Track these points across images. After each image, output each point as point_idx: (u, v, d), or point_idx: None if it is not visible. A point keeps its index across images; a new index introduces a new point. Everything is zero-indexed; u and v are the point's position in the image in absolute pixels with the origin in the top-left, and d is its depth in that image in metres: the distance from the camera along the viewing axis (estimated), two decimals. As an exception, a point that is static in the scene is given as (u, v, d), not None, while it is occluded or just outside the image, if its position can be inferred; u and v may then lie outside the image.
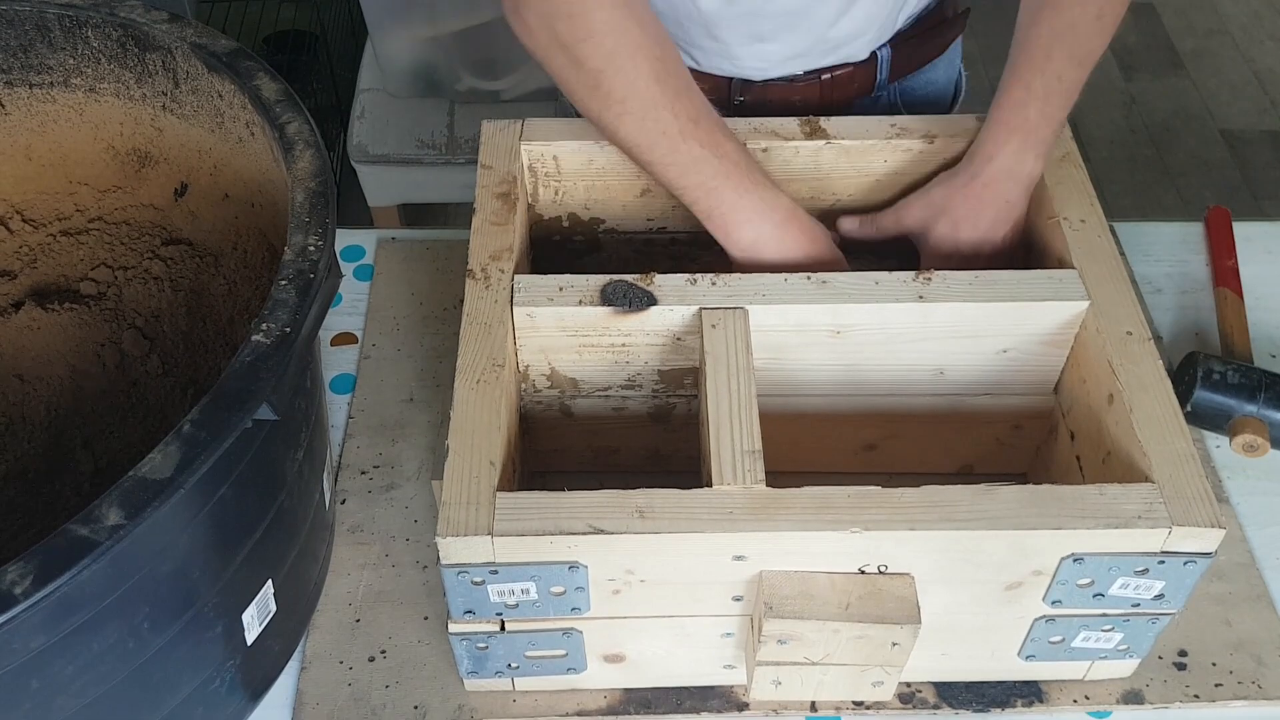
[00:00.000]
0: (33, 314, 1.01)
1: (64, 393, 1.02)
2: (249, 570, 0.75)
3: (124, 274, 1.02)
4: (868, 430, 0.95)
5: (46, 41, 0.91)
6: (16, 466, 0.99)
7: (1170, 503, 0.74)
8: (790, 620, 0.74)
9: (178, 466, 0.62)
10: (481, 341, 0.83)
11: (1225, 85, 2.81)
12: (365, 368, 1.07)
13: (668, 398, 0.92)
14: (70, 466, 0.99)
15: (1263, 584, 0.93)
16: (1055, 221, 0.92)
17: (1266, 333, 1.11)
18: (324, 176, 0.78)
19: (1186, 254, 1.18)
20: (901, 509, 0.74)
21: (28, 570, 0.57)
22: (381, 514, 0.97)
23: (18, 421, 1.01)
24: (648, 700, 0.86)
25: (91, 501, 0.60)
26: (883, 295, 0.86)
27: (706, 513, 0.74)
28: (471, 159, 1.67)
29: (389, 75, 2.17)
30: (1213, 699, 0.87)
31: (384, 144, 2.14)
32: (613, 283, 0.86)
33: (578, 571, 0.74)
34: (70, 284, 1.02)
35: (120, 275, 1.02)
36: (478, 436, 0.77)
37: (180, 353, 1.02)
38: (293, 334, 0.68)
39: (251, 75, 0.84)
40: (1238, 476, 1.01)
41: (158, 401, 1.01)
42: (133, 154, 0.97)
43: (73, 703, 0.66)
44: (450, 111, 2.19)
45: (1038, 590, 0.78)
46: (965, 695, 0.86)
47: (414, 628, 0.90)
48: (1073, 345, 0.88)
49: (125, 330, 1.02)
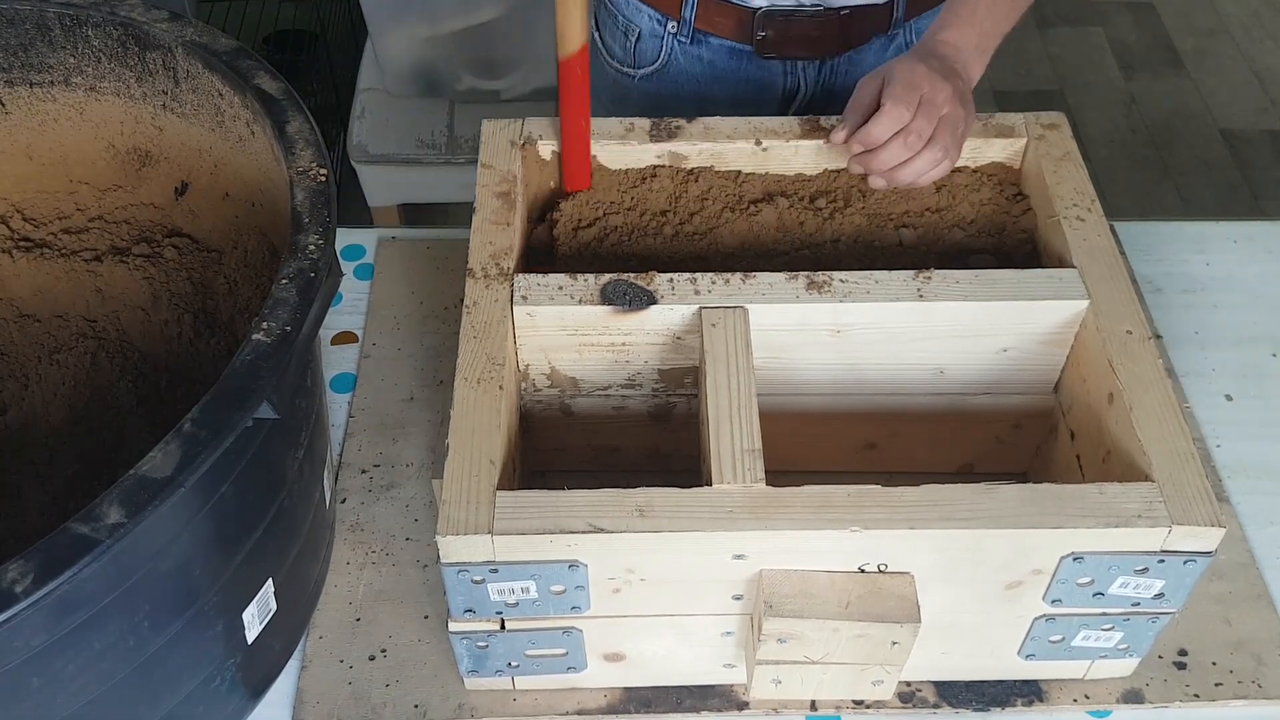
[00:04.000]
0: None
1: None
2: (249, 569, 0.75)
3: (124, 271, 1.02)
4: (868, 429, 0.95)
5: (47, 41, 0.91)
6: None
7: (1170, 502, 0.74)
8: (790, 619, 0.74)
9: (178, 465, 0.62)
10: (481, 340, 0.83)
11: (1225, 85, 2.81)
12: (366, 367, 1.07)
13: (668, 397, 0.92)
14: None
15: (1263, 583, 0.93)
16: (1055, 221, 0.92)
17: (1267, 332, 1.11)
18: (324, 175, 0.78)
19: (1186, 254, 1.18)
20: (901, 508, 0.74)
21: (28, 569, 0.57)
22: (382, 513, 0.97)
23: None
24: (648, 699, 0.86)
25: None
26: (883, 294, 0.86)
27: (706, 511, 0.74)
28: (471, 159, 1.67)
29: (389, 75, 2.17)
30: (1213, 698, 0.87)
31: (384, 144, 2.14)
32: (613, 282, 0.86)
33: (578, 570, 0.75)
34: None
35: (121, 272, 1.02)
36: (478, 435, 0.77)
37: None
38: (293, 333, 0.68)
39: (252, 74, 0.84)
40: (1238, 476, 1.01)
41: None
42: (133, 153, 0.97)
43: (74, 701, 0.66)
44: (450, 111, 2.19)
45: (1038, 589, 0.78)
46: (965, 694, 0.86)
47: (414, 626, 0.90)
48: (1073, 344, 0.88)
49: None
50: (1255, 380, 1.08)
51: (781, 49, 1.15)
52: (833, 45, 1.15)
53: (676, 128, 0.98)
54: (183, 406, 0.92)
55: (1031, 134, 0.98)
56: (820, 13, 1.12)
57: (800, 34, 1.13)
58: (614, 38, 1.23)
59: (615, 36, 1.22)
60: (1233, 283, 1.15)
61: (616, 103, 1.26)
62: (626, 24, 1.20)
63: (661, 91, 1.22)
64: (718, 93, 1.20)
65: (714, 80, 1.19)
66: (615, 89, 1.25)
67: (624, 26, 1.20)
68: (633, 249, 0.95)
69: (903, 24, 1.16)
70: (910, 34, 1.17)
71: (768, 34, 1.13)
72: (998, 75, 1.19)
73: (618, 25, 1.21)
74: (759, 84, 1.18)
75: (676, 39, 1.17)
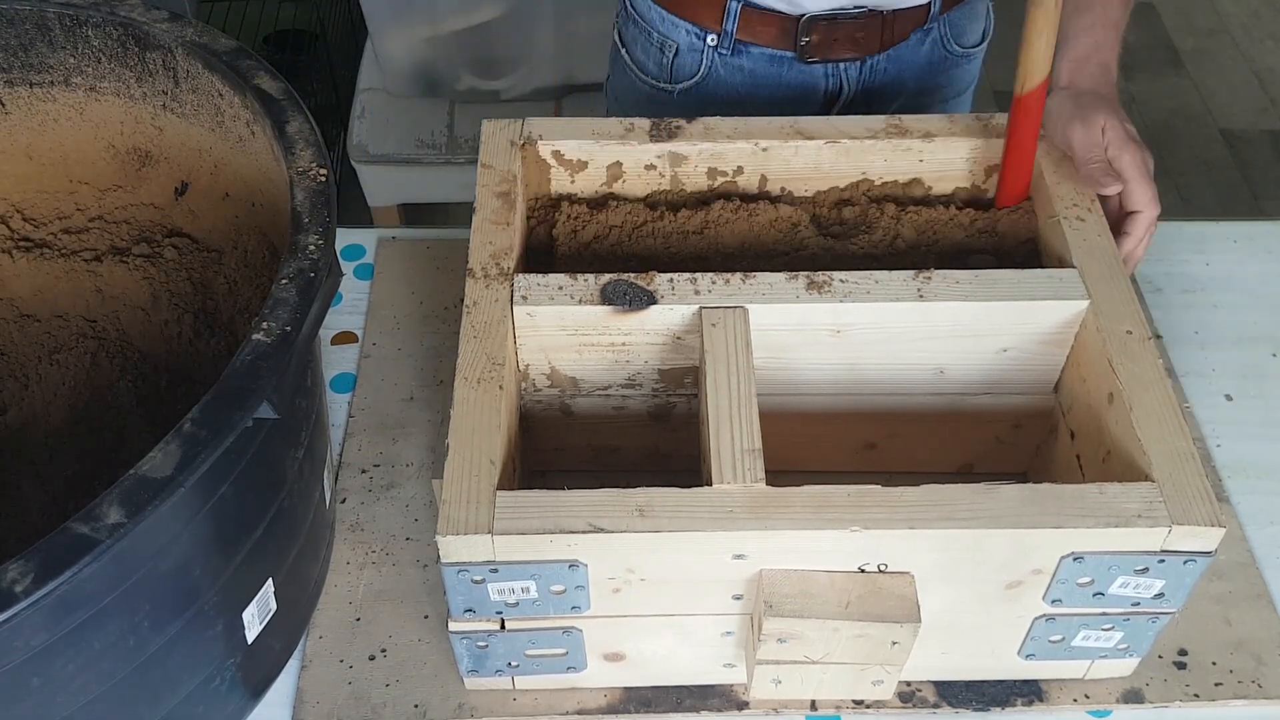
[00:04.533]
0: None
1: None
2: (249, 569, 0.75)
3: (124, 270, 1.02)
4: (868, 429, 0.95)
5: (47, 41, 0.91)
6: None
7: (1170, 502, 0.74)
8: (790, 619, 0.74)
9: (178, 465, 0.62)
10: (481, 340, 0.83)
11: (1225, 85, 2.81)
12: (365, 367, 1.07)
13: (668, 397, 0.92)
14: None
15: (1263, 583, 0.93)
16: (1055, 221, 0.92)
17: (1267, 332, 1.11)
18: (324, 175, 0.78)
19: (1186, 254, 1.18)
20: (901, 508, 0.74)
21: (28, 569, 0.57)
22: (382, 513, 0.97)
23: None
24: (648, 699, 0.86)
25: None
26: (883, 294, 0.86)
27: (706, 511, 0.74)
28: (471, 159, 1.67)
29: (389, 75, 2.17)
30: (1213, 698, 0.87)
31: (384, 144, 2.14)
32: (613, 282, 0.86)
33: (578, 570, 0.75)
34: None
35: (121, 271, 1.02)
36: (478, 435, 0.77)
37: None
38: (293, 333, 0.68)
39: (252, 74, 0.84)
40: (1238, 476, 1.01)
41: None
42: (133, 153, 0.97)
43: (73, 700, 0.66)
44: (450, 111, 2.19)
45: (1038, 589, 0.78)
46: (965, 694, 0.86)
47: (414, 626, 0.90)
48: (1073, 344, 0.88)
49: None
50: (1255, 380, 1.08)
51: (825, 52, 1.15)
52: (875, 45, 1.16)
53: (676, 128, 0.98)
54: (183, 406, 0.92)
55: (1031, 134, 0.98)
56: (864, 14, 1.13)
57: (844, 36, 1.14)
58: (648, 54, 1.22)
59: (649, 53, 1.21)
60: (1233, 283, 1.15)
61: (652, 117, 1.24)
62: (662, 40, 1.19)
63: (702, 103, 1.21)
64: (759, 100, 1.20)
65: (754, 88, 1.19)
66: (650, 105, 1.24)
67: (659, 43, 1.19)
68: (633, 249, 0.95)
69: (939, 17, 1.17)
70: (945, 26, 1.19)
71: (811, 39, 1.14)
72: (998, 75, 1.18)
73: (651, 41, 1.20)
74: (800, 88, 1.18)
75: (717, 51, 1.16)
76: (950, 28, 1.20)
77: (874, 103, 1.21)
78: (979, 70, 1.29)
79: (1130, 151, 0.92)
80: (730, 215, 0.96)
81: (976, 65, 1.28)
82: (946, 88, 1.25)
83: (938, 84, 1.23)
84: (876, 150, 0.98)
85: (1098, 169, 0.92)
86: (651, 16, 1.19)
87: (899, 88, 1.21)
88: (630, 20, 1.23)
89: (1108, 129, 0.93)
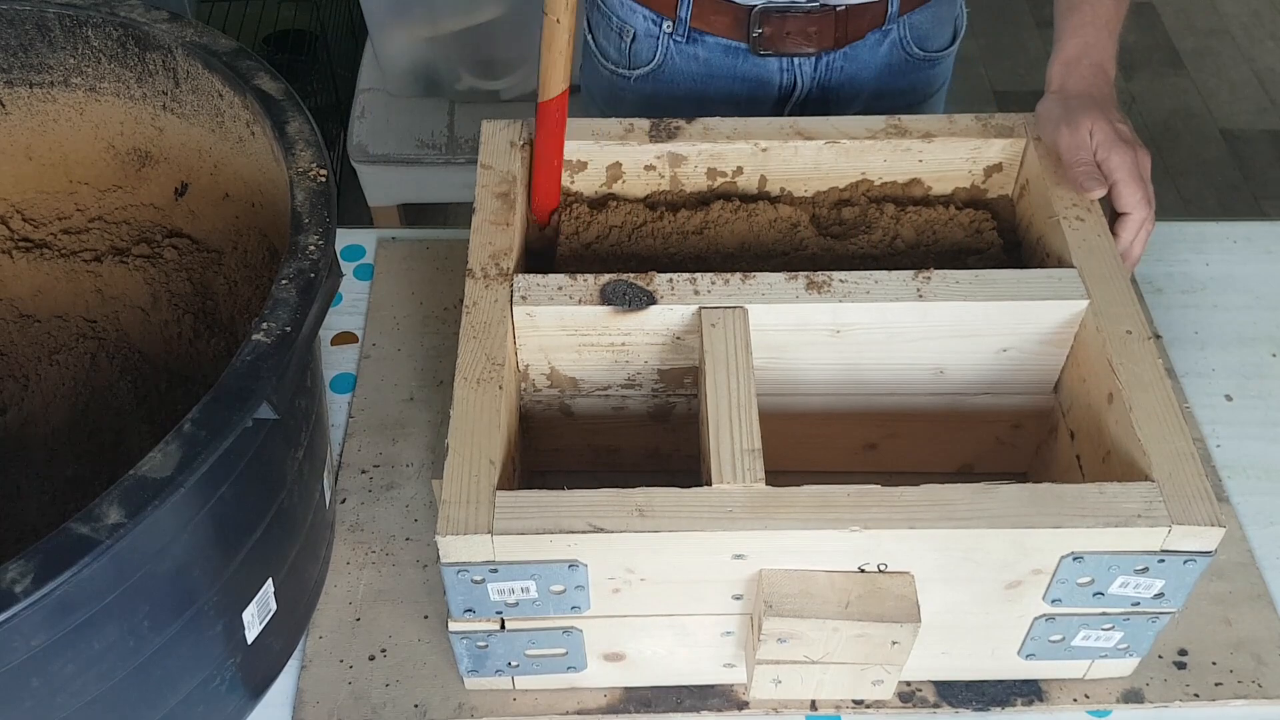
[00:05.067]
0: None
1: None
2: (249, 569, 0.75)
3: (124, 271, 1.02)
4: (868, 429, 0.95)
5: (47, 41, 0.91)
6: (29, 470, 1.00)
7: (1170, 501, 0.74)
8: (790, 619, 0.74)
9: (178, 465, 0.62)
10: (481, 341, 0.83)
11: (1225, 85, 2.81)
12: (365, 367, 1.07)
13: (667, 397, 0.92)
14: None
15: (1263, 583, 0.93)
16: (1055, 220, 0.92)
17: (1267, 332, 1.11)
18: (325, 176, 0.78)
19: (1186, 254, 1.18)
20: (901, 507, 0.74)
21: (28, 569, 0.57)
22: (382, 513, 0.97)
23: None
24: (648, 699, 0.86)
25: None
26: (882, 294, 0.86)
27: (706, 511, 0.74)
28: (471, 159, 1.67)
29: (389, 75, 2.17)
30: (1213, 698, 0.87)
31: (384, 144, 2.14)
32: (613, 282, 0.86)
33: (577, 570, 0.75)
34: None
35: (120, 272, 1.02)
36: (477, 435, 0.77)
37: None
38: (293, 333, 0.68)
39: (252, 75, 0.84)
40: (1238, 476, 1.01)
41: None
42: (133, 153, 0.97)
43: (73, 701, 0.66)
44: (450, 111, 2.19)
45: (1038, 589, 0.78)
46: (965, 694, 0.86)
47: (414, 626, 0.90)
48: (1072, 344, 0.88)
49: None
50: (1255, 380, 1.08)
51: (778, 45, 1.15)
52: (829, 41, 1.15)
53: (676, 128, 0.98)
54: (183, 406, 0.92)
55: (1031, 134, 0.98)
56: (816, 9, 1.13)
57: (797, 30, 1.14)
58: (608, 39, 1.23)
59: (610, 38, 1.22)
60: (1233, 283, 1.15)
61: (612, 104, 1.26)
62: (621, 25, 1.20)
63: (657, 91, 1.22)
64: (714, 91, 1.20)
65: (710, 79, 1.19)
66: (610, 90, 1.25)
67: (618, 28, 1.20)
68: (633, 249, 0.95)
69: (897, 19, 1.16)
70: (905, 29, 1.18)
71: (764, 31, 1.14)
72: (998, 75, 1.19)
73: (611, 27, 1.21)
74: (755, 81, 1.18)
75: (672, 39, 1.17)
76: (911, 30, 1.18)
77: (832, 102, 1.20)
78: (948, 73, 1.28)
79: (1119, 152, 0.92)
80: (730, 215, 0.96)
81: (945, 68, 1.26)
82: (910, 91, 1.24)
83: (899, 87, 1.22)
84: (876, 150, 0.98)
85: (1081, 172, 0.92)
86: (612, 2, 1.20)
87: (857, 87, 1.20)
88: (595, 6, 1.24)
89: (1095, 131, 0.92)
